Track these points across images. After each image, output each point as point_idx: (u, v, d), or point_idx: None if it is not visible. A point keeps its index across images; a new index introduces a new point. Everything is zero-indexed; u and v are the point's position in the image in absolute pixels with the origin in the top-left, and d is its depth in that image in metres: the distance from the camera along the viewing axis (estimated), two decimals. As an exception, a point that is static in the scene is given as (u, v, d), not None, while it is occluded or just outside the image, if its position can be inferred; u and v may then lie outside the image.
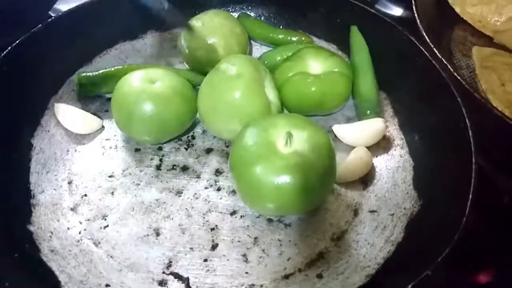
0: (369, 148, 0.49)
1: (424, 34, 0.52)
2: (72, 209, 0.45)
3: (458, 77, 0.48)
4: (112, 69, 0.54)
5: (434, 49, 0.50)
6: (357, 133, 0.50)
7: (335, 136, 0.51)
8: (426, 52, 0.49)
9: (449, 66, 0.48)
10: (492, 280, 0.46)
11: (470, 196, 0.38)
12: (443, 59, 0.49)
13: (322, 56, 0.51)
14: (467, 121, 0.43)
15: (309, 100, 0.50)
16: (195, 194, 0.47)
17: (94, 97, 0.54)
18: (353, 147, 0.49)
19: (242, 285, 0.41)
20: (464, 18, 0.65)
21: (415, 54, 0.50)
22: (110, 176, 0.48)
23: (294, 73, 0.50)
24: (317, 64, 0.50)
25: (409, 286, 0.33)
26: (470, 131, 0.43)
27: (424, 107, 0.49)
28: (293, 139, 0.40)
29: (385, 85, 0.54)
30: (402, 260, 0.40)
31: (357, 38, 0.55)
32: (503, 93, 0.54)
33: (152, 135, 0.48)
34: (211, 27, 0.54)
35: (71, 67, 0.55)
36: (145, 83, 0.47)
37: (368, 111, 0.51)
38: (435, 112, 0.47)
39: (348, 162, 0.47)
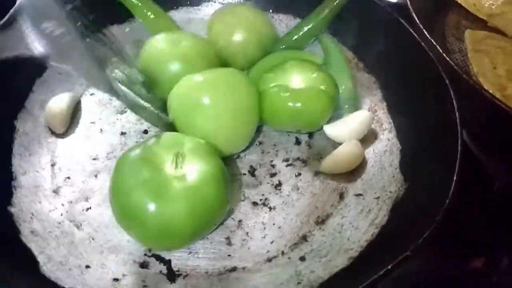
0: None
1: (414, 15, 0.51)
2: (54, 191, 0.45)
3: (448, 59, 0.47)
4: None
5: (424, 30, 0.49)
6: (347, 127, 0.48)
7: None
8: (415, 34, 0.49)
9: (438, 48, 0.48)
10: (481, 266, 0.46)
11: (455, 178, 0.38)
12: (433, 40, 0.48)
13: (307, 70, 0.48)
14: (454, 103, 0.43)
15: (284, 115, 0.47)
16: (179, 177, 0.46)
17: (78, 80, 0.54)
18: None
19: (225, 268, 0.41)
20: (459, 1, 0.64)
21: (404, 36, 0.49)
22: (94, 159, 0.48)
23: (273, 85, 0.47)
24: (300, 79, 0.47)
25: (389, 267, 0.33)
26: (457, 114, 0.42)
27: (413, 90, 0.48)
28: (183, 161, 0.38)
29: (374, 69, 0.53)
30: (385, 243, 0.40)
31: (327, 43, 0.54)
32: (494, 77, 0.53)
33: None
34: (237, 22, 0.53)
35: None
36: (170, 44, 0.48)
37: (346, 106, 0.50)
38: (423, 95, 0.47)
39: (336, 154, 0.46)
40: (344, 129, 0.48)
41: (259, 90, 0.48)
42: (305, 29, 0.56)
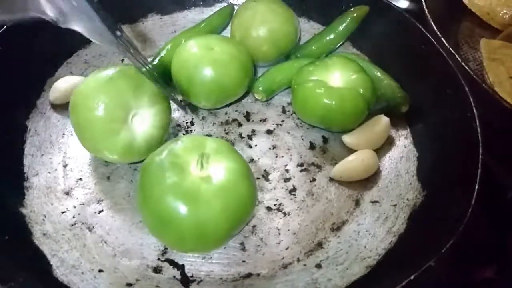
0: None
1: (432, 23, 0.51)
2: (66, 193, 0.44)
3: (466, 67, 0.46)
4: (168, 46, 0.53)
5: (442, 38, 0.49)
6: (365, 137, 0.48)
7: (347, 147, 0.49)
8: (433, 41, 0.48)
9: (457, 56, 0.47)
10: (494, 276, 0.45)
11: (476, 187, 0.37)
12: (451, 49, 0.48)
13: (349, 70, 0.47)
14: (474, 110, 0.42)
15: (316, 110, 0.46)
16: (192, 180, 0.46)
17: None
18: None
19: (239, 274, 0.40)
20: (472, 10, 0.64)
21: (422, 42, 0.49)
22: (106, 161, 0.47)
23: (311, 79, 0.47)
24: (339, 77, 0.47)
25: (412, 277, 0.32)
26: (477, 121, 0.41)
27: (431, 96, 0.48)
28: (208, 161, 0.37)
29: (390, 75, 0.52)
30: (405, 251, 0.39)
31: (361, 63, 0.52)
32: (511, 86, 0.52)
33: (210, 99, 0.49)
34: (255, 18, 0.52)
35: (68, 48, 0.54)
36: (204, 49, 0.48)
37: (403, 107, 0.49)
38: (442, 101, 0.46)
39: (348, 162, 0.45)
40: (362, 138, 0.47)
41: (295, 81, 0.48)
42: (326, 39, 0.55)
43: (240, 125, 0.51)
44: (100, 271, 0.39)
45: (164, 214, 0.36)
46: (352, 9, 0.54)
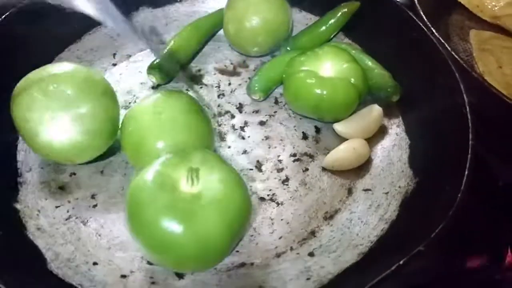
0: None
1: (422, 13, 0.51)
2: (60, 188, 0.45)
3: (456, 56, 0.46)
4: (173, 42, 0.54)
5: (432, 28, 0.49)
6: (357, 125, 0.48)
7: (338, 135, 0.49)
8: (425, 29, 0.48)
9: (446, 45, 0.47)
10: (484, 264, 0.46)
11: (466, 172, 0.37)
12: (441, 39, 0.48)
13: (339, 60, 0.47)
14: (464, 97, 0.42)
15: (308, 101, 0.47)
16: (186, 172, 0.46)
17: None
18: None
19: (233, 264, 0.40)
20: (462, 2, 0.64)
21: (414, 31, 0.49)
22: (100, 156, 0.47)
23: (302, 69, 0.47)
24: (330, 67, 0.47)
25: (401, 262, 0.33)
26: (467, 107, 0.42)
27: (422, 84, 0.48)
28: (198, 176, 0.35)
29: (382, 63, 0.53)
30: (396, 238, 0.40)
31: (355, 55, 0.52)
32: (500, 75, 0.53)
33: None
34: (248, 9, 0.52)
35: (60, 43, 0.54)
36: (152, 115, 0.42)
37: (394, 96, 0.49)
38: (433, 89, 0.46)
39: (339, 151, 0.46)
40: (354, 126, 0.48)
41: (286, 72, 0.48)
42: (316, 32, 0.55)
43: (232, 116, 0.51)
44: (95, 263, 0.40)
45: (161, 238, 0.34)
46: (342, 4, 0.54)
